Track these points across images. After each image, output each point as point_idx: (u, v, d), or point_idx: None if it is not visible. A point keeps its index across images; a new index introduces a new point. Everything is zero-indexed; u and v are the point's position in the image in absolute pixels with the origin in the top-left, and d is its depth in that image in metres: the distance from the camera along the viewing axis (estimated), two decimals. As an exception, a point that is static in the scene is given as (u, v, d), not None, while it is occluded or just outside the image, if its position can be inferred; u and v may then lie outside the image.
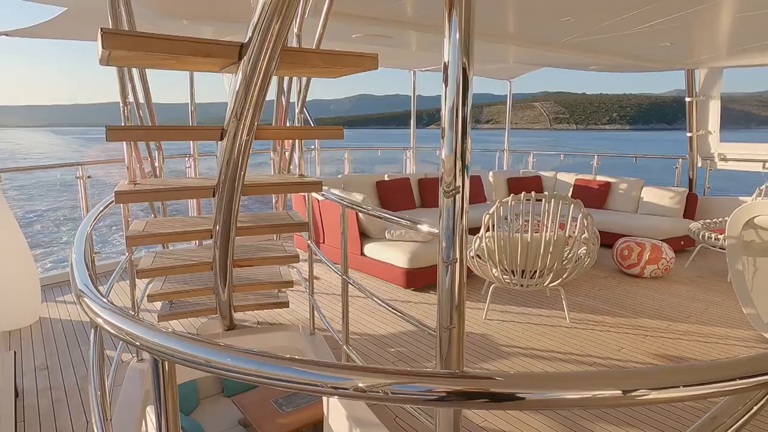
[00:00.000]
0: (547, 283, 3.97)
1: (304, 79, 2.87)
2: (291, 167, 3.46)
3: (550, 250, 3.79)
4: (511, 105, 9.53)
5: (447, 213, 1.60)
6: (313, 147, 7.32)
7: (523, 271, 3.97)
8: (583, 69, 7.10)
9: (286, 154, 3.55)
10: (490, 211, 3.76)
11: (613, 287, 5.01)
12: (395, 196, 6.67)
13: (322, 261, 4.51)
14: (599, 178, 7.50)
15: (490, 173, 8.11)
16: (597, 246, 5.77)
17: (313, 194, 3.62)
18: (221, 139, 1.96)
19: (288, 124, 3.58)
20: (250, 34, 1.58)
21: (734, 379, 0.88)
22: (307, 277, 3.57)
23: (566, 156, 9.03)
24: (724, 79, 6.77)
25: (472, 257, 4.03)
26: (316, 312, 3.42)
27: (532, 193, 3.75)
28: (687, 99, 6.86)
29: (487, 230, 3.85)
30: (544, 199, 3.76)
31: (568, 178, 7.84)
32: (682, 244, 6.32)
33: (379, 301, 2.23)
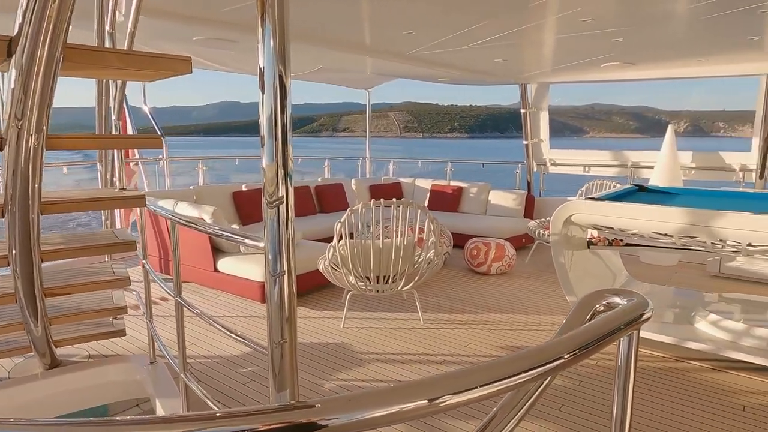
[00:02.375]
0: (401, 287, 4.07)
1: (119, 83, 2.58)
2: (119, 180, 3.11)
3: (401, 255, 3.90)
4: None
5: (272, 224, 1.53)
6: (160, 157, 6.76)
7: (378, 277, 4.03)
8: (433, 81, 7.53)
9: (116, 165, 3.18)
10: (342, 220, 3.76)
11: (464, 286, 5.34)
12: (253, 207, 6.42)
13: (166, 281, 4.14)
14: (453, 183, 7.99)
15: (353, 181, 8.22)
16: (450, 247, 6.12)
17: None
18: (0, 148, 1.66)
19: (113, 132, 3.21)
20: (19, 23, 1.35)
21: (519, 373, 0.94)
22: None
23: (423, 163, 9.50)
24: (551, 93, 7.65)
25: (327, 266, 3.99)
26: (155, 338, 3.10)
27: (381, 200, 3.83)
28: (522, 110, 7.62)
29: (341, 239, 3.85)
30: (393, 206, 3.86)
31: (426, 184, 8.24)
32: (523, 242, 6.96)
33: (210, 320, 2.07)
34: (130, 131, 6.04)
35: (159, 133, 6.87)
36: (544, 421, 2.78)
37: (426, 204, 8.03)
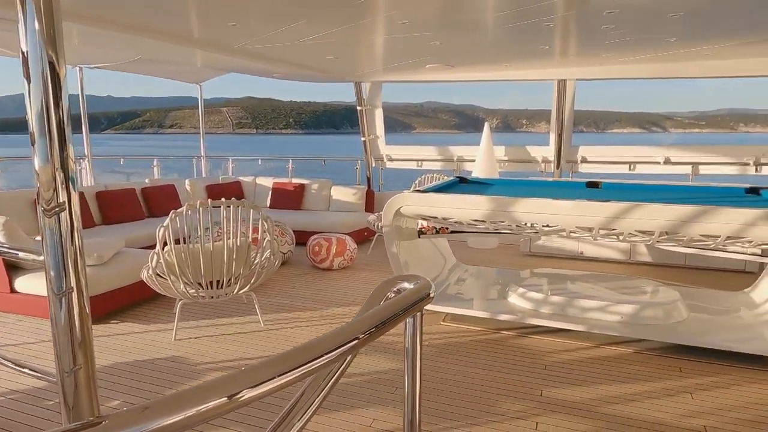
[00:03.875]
0: (237, 290, 3.91)
1: None
2: None
3: (234, 257, 3.74)
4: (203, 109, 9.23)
5: (51, 235, 1.33)
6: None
7: (211, 282, 3.81)
8: (268, 76, 7.35)
9: None
10: (165, 224, 3.47)
11: (307, 283, 5.33)
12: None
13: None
14: (294, 180, 7.92)
15: (187, 181, 7.67)
16: (292, 246, 6.07)
17: None
18: None
19: None
20: None
21: (321, 356, 0.96)
22: None
23: (264, 161, 9.26)
24: (391, 90, 8.01)
25: (151, 275, 3.66)
26: None
27: (209, 201, 3.62)
28: (358, 108, 7.84)
29: (166, 244, 3.55)
30: (222, 206, 3.68)
31: (267, 182, 8.04)
32: (365, 235, 7.20)
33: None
34: None
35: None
36: (380, 406, 2.89)
37: (268, 202, 7.84)
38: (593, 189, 4.73)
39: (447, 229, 4.60)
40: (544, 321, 3.81)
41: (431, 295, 1.09)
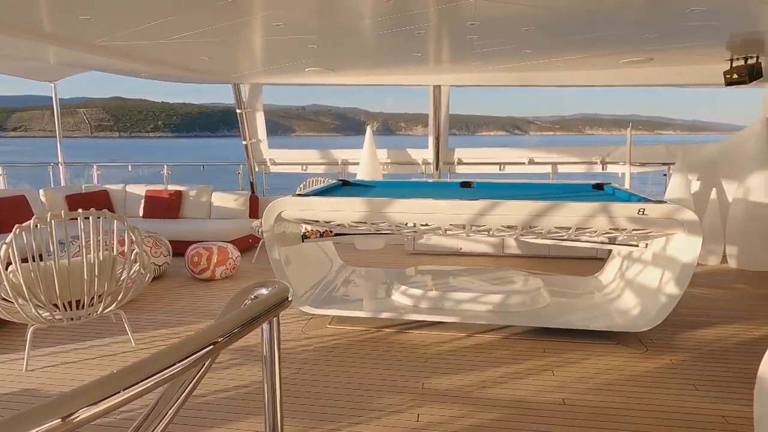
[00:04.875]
0: (102, 309, 3.57)
1: None
2: None
3: (97, 273, 3.41)
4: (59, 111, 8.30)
5: None
6: None
7: (70, 303, 3.44)
8: (135, 76, 6.82)
9: None
10: (8, 240, 3.06)
11: (186, 296, 5.03)
12: None
13: None
14: (170, 187, 7.43)
15: (42, 191, 6.85)
16: (169, 257, 5.69)
17: None
18: None
19: None
20: None
21: (167, 368, 0.91)
22: None
23: (135, 167, 8.57)
24: (266, 93, 7.82)
25: (-8, 300, 3.21)
26: None
27: (62, 212, 3.27)
28: (238, 111, 7.58)
29: (9, 264, 3.13)
30: (79, 218, 3.34)
31: (139, 189, 7.45)
32: (250, 242, 6.97)
33: None
34: None
35: None
36: (247, 416, 2.81)
37: (141, 212, 7.27)
38: (467, 188, 5.04)
39: (331, 232, 4.62)
40: (423, 316, 3.98)
41: (289, 300, 1.09)
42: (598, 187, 4.89)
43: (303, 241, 4.54)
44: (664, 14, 3.79)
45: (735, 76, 5.54)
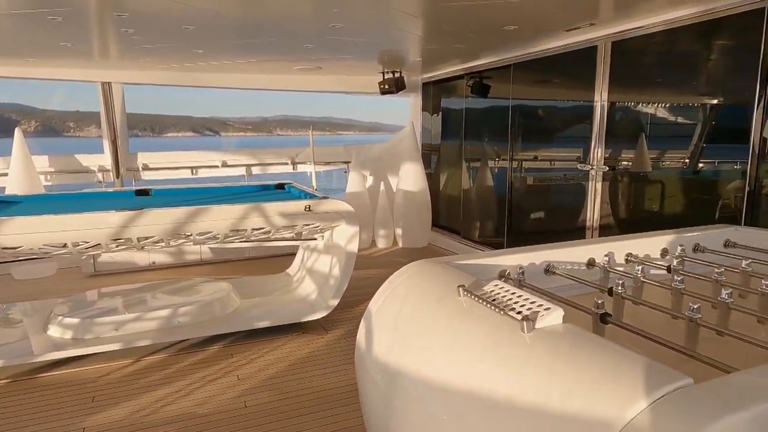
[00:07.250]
0: None
1: None
2: None
3: None
4: None
5: None
6: None
7: None
8: None
9: None
10: None
11: None
12: None
13: None
14: None
15: None
16: None
17: None
18: None
19: None
20: None
21: None
22: None
23: None
24: None
25: None
26: None
27: None
28: None
29: None
30: None
31: None
32: None
33: None
34: None
35: None
36: None
37: None
38: (143, 197, 4.60)
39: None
40: (81, 350, 3.42)
41: None
42: (280, 186, 5.12)
43: None
44: (311, 27, 4.16)
45: (386, 86, 6.59)
